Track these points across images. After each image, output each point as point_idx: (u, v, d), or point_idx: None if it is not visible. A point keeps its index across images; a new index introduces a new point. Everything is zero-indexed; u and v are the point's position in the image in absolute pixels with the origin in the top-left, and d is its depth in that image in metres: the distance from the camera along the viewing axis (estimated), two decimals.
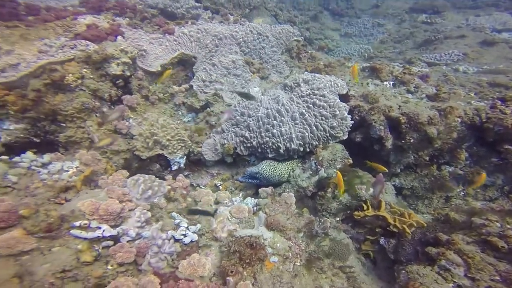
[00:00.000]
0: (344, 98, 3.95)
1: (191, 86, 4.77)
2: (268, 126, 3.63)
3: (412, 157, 3.52)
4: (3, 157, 2.97)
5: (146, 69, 4.63)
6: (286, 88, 4.31)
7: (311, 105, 3.66)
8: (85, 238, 2.17)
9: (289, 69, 5.69)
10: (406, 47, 9.01)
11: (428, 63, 6.84)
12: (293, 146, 3.48)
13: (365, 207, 3.29)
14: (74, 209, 2.35)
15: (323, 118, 3.54)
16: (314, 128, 3.49)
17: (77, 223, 2.23)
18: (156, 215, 2.65)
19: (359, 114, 3.73)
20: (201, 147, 4.07)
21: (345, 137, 3.60)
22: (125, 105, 4.29)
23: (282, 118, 3.60)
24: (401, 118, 3.37)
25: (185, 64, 5.18)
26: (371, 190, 3.18)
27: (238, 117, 3.92)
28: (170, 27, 5.41)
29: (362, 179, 3.43)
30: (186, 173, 4.28)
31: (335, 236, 3.15)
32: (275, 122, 3.59)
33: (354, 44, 10.62)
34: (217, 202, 3.25)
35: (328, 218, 3.37)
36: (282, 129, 3.53)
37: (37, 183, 2.77)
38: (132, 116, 4.34)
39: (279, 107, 3.74)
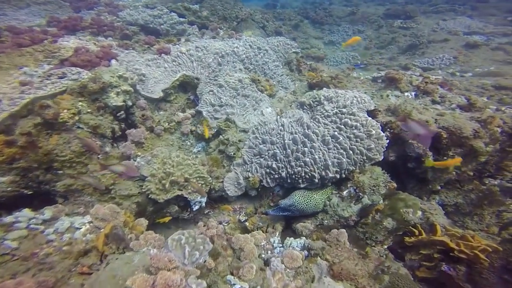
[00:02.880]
0: (371, 114, 3.52)
1: (199, 112, 4.17)
2: (297, 154, 3.11)
3: (454, 172, 3.13)
4: None
5: (148, 96, 3.98)
6: (305, 107, 3.83)
7: (342, 126, 3.18)
8: None
9: (293, 83, 5.24)
10: (393, 53, 8.89)
11: (423, 68, 6.66)
12: (330, 175, 2.98)
13: (416, 232, 2.85)
14: None
15: (358, 139, 3.08)
16: (351, 152, 3.02)
17: None
18: (207, 280, 2.03)
19: (391, 131, 3.31)
20: (222, 181, 3.47)
21: (381, 158, 3.15)
22: (130, 142, 3.61)
23: (313, 144, 3.10)
24: (442, 133, 2.98)
25: (186, 86, 4.58)
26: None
27: (260, 145, 3.37)
28: (165, 46, 4.77)
29: (406, 202, 3.00)
30: (207, 211, 3.65)
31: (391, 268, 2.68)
32: (305, 149, 3.08)
33: (339, 52, 10.42)
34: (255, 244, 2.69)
35: (374, 246, 2.90)
36: (315, 156, 3.02)
37: (47, 248, 2.11)
38: (139, 153, 3.67)
39: (306, 130, 3.24)
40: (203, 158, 3.91)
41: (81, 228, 2.68)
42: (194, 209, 3.44)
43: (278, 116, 3.67)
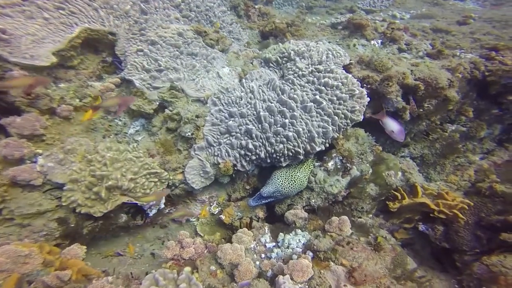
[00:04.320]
0: (345, 69, 3.01)
1: (127, 81, 2.92)
2: (277, 127, 2.46)
3: (424, 123, 3.06)
4: None
5: (28, 64, 2.47)
6: (271, 65, 3.04)
7: (322, 87, 2.60)
8: None
9: (246, 33, 4.23)
10: None
11: (365, 11, 6.36)
12: (317, 148, 2.48)
13: (399, 196, 2.77)
14: None
15: (341, 101, 2.58)
16: (336, 117, 2.53)
17: None
18: None
19: (369, 86, 2.92)
20: (182, 172, 2.62)
21: (362, 118, 2.79)
22: (17, 136, 2.28)
23: (293, 113, 2.47)
24: (420, 85, 2.73)
25: (96, 45, 3.11)
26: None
27: (228, 121, 2.55)
28: None
29: (388, 164, 2.83)
30: (167, 210, 2.84)
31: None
32: (285, 120, 2.44)
33: None
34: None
35: (361, 217, 2.76)
36: (298, 127, 2.44)
37: None
38: (40, 150, 2.40)
39: (282, 96, 2.54)
40: (147, 142, 2.90)
41: None
42: (150, 215, 2.59)
43: (244, 79, 2.81)
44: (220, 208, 2.84)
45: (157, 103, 2.87)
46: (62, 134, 2.62)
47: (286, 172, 2.58)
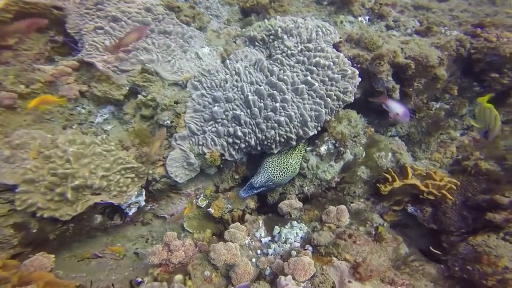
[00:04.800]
0: (335, 47, 2.81)
1: (85, 62, 2.47)
2: (267, 112, 2.23)
3: (413, 102, 3.01)
4: None
5: None
6: (257, 44, 2.75)
7: (313, 67, 2.38)
8: None
9: (225, 10, 3.82)
10: None
11: None
12: (310, 133, 2.31)
13: (390, 178, 2.73)
14: None
15: (333, 82, 2.40)
16: (328, 99, 2.35)
17: None
18: None
19: (359, 65, 2.76)
20: (163, 165, 2.33)
21: (353, 99, 2.65)
22: None
23: (284, 96, 2.25)
24: (411, 64, 2.63)
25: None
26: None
27: (213, 107, 2.26)
28: None
29: (379, 145, 2.76)
30: (149, 207, 2.56)
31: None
32: (276, 104, 2.21)
33: None
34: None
35: (353, 202, 2.70)
36: (290, 112, 2.23)
37: None
38: None
39: (271, 78, 2.30)
40: (119, 132, 2.55)
41: None
42: (129, 214, 2.31)
43: (227, 60, 2.50)
44: (208, 201, 2.62)
45: (128, 88, 2.49)
46: (6, 126, 2.19)
47: (278, 160, 2.40)
